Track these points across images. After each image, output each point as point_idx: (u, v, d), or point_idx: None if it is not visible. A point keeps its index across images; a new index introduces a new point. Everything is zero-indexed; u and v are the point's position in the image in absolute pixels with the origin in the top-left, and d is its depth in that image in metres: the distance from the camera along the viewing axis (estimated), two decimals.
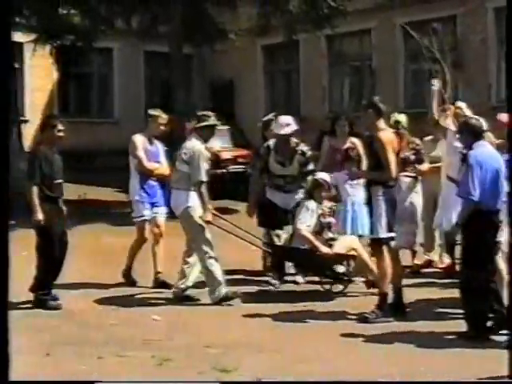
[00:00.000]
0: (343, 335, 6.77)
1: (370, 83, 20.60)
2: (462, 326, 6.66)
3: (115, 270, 9.37)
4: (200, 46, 18.52)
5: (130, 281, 9.19)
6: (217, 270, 8.11)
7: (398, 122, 9.05)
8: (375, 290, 8.00)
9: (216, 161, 18.00)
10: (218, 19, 17.35)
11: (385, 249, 7.31)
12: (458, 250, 9.28)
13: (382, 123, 7.41)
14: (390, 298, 7.38)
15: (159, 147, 9.45)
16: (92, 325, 7.26)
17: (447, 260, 9.46)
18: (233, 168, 17.45)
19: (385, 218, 7.21)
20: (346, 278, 8.62)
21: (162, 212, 9.26)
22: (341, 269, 8.63)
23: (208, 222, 8.18)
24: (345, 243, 8.53)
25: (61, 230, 8.13)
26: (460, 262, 6.99)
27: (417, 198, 9.14)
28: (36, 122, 22.83)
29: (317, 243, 8.36)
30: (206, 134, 8.41)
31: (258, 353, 6.29)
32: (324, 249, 8.36)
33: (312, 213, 8.54)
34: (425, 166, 9.27)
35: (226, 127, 19.73)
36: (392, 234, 7.33)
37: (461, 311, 6.83)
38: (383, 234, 7.24)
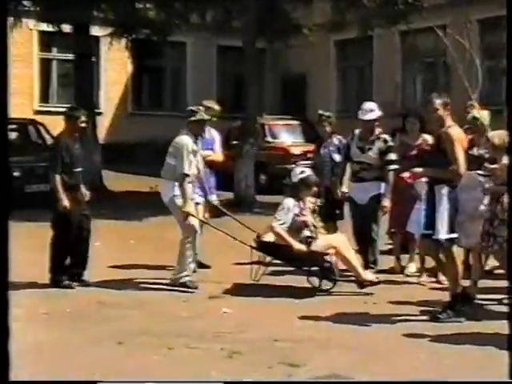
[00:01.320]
0: (408, 335, 6.66)
1: (443, 80, 20.32)
2: None
3: None
4: (274, 41, 18.55)
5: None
6: (190, 256, 8.55)
7: (475, 119, 8.79)
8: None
9: (286, 156, 18.06)
10: (292, 14, 17.36)
11: (452, 249, 7.20)
12: None
13: (449, 119, 7.25)
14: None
15: (215, 136, 9.80)
16: (163, 316, 7.34)
17: None
18: (302, 163, 17.39)
19: (448, 218, 7.07)
20: (333, 277, 8.48)
21: (212, 198, 9.54)
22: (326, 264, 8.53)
23: (188, 214, 8.44)
24: (325, 241, 8.46)
25: (81, 217, 8.56)
26: None
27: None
28: (110, 114, 23.40)
29: (289, 239, 8.35)
30: (196, 128, 8.72)
31: (327, 349, 6.27)
32: (297, 245, 8.35)
33: (288, 211, 8.52)
34: (498, 166, 8.84)
35: (297, 122, 19.77)
36: (454, 235, 7.17)
37: None
38: (444, 234, 7.08)
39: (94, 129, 17.02)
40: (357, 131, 9.25)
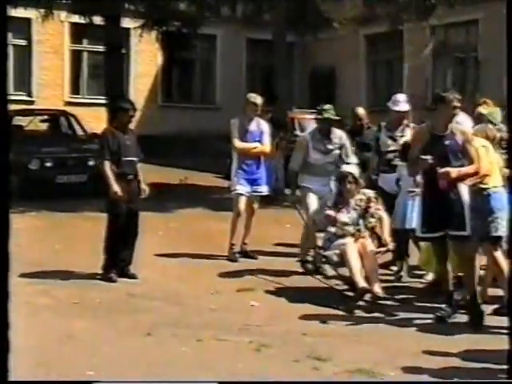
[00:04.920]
0: (437, 333, 6.63)
1: (474, 75, 20.19)
2: None
3: (213, 254, 9.63)
4: (304, 34, 18.54)
5: (232, 256, 9.54)
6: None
7: (482, 115, 8.22)
8: None
9: None
10: (322, 8, 17.33)
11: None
12: None
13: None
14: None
15: (263, 128, 9.85)
16: (192, 308, 7.40)
17: None
18: None
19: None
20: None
21: (259, 190, 9.68)
22: None
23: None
24: (339, 247, 7.86)
25: (131, 208, 8.52)
26: None
27: None
28: (140, 106, 23.38)
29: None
30: (322, 125, 9.02)
31: (355, 344, 6.30)
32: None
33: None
34: None
35: None
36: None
37: None
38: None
39: None
40: (383, 123, 9.28)
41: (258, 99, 9.75)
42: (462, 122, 7.46)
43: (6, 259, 3.54)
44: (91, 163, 13.75)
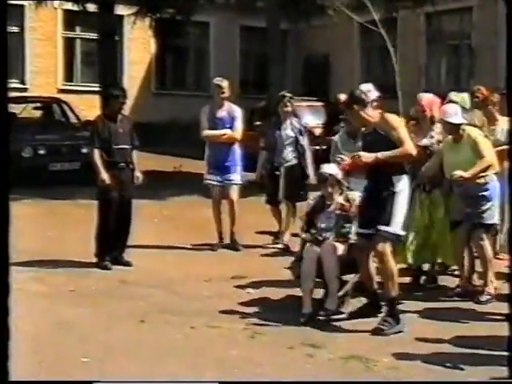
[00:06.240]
0: (428, 323, 6.63)
1: (468, 63, 20.19)
2: None
3: (208, 241, 9.67)
4: (297, 21, 18.50)
5: (213, 247, 9.56)
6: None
7: (453, 102, 7.99)
8: None
9: (309, 137, 18.02)
10: None
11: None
12: None
13: (370, 111, 6.57)
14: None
15: (235, 113, 9.66)
16: (186, 295, 7.42)
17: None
18: (326, 145, 17.37)
19: (402, 214, 6.50)
20: None
21: (232, 179, 9.66)
22: None
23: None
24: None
25: (123, 195, 8.53)
26: None
27: None
28: (133, 94, 23.43)
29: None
30: (350, 125, 8.11)
31: (349, 332, 6.33)
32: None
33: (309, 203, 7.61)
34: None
35: (320, 103, 19.72)
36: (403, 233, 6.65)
37: None
38: (400, 230, 6.52)
39: None
40: None
41: (223, 82, 9.63)
42: (456, 113, 7.36)
43: (6, 249, 3.53)
44: (84, 151, 13.66)
